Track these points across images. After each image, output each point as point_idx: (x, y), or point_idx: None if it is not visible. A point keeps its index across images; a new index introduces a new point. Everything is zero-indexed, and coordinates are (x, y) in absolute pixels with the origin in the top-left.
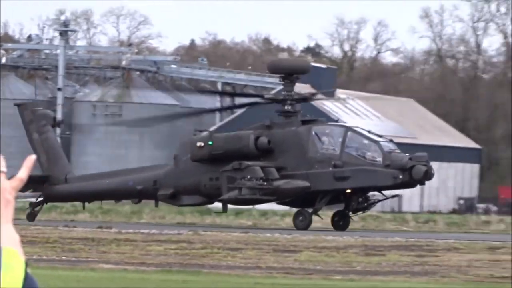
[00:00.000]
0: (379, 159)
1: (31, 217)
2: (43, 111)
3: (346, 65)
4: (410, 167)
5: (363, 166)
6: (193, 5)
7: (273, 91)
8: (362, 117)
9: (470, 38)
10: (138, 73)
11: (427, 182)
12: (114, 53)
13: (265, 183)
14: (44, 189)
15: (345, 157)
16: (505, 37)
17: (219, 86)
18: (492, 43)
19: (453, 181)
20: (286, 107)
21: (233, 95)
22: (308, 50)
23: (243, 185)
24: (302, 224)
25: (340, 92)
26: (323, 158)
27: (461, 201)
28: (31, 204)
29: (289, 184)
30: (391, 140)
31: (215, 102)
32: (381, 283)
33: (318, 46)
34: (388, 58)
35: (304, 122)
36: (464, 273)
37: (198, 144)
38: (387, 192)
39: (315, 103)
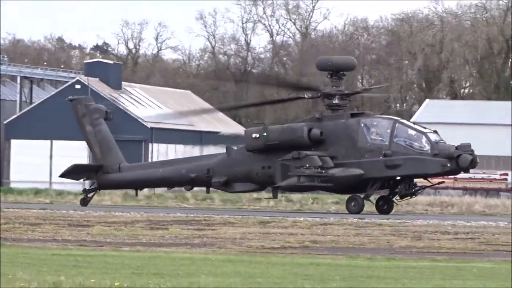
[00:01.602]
0: (428, 148)
1: (84, 202)
2: (96, 105)
3: (131, 61)
4: (457, 156)
5: (412, 155)
6: None
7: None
8: (146, 107)
9: (240, 37)
10: None
11: None
12: None
13: (323, 171)
14: (98, 177)
15: (394, 147)
16: (271, 36)
17: (18, 80)
18: (260, 41)
19: None
20: (334, 101)
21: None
22: (97, 47)
23: (302, 173)
24: (355, 208)
25: (125, 85)
26: (373, 148)
27: None
28: (84, 190)
29: (345, 172)
30: (435, 131)
31: (15, 93)
32: (164, 253)
33: (105, 44)
34: (168, 55)
35: (353, 115)
36: (238, 244)
37: (254, 135)
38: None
39: (104, 94)
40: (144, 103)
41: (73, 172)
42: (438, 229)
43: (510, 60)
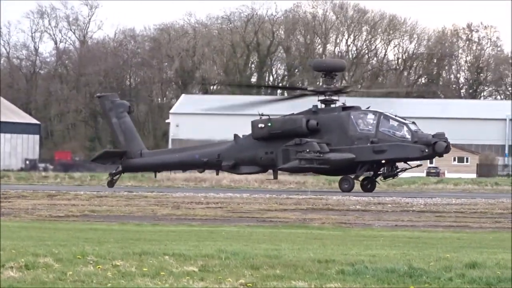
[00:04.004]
0: (409, 136)
1: (111, 184)
2: (120, 101)
3: None
4: (434, 143)
5: (395, 142)
6: None
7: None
8: None
9: (30, 44)
10: None
11: None
12: None
13: (321, 155)
14: (122, 162)
15: (380, 135)
16: (55, 43)
17: None
18: (46, 48)
19: (21, 147)
20: (327, 97)
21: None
22: None
23: (302, 156)
24: (347, 187)
25: None
26: (361, 136)
27: (27, 162)
28: (110, 174)
29: (339, 156)
30: (413, 122)
31: None
32: None
33: None
34: None
35: (344, 109)
36: (30, 213)
37: (259, 125)
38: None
39: None
40: None
41: (103, 157)
42: (193, 200)
43: (250, 61)
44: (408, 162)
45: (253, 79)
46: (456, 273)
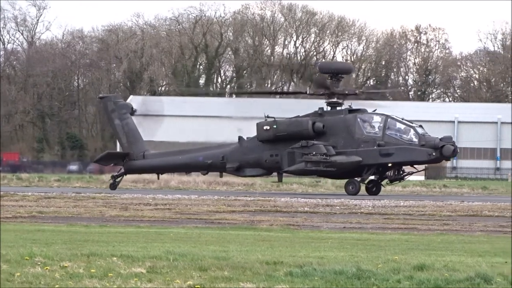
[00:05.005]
0: (416, 140)
1: (113, 186)
2: (123, 102)
3: None
4: (441, 146)
5: (402, 145)
6: None
7: None
8: None
9: None
10: None
11: None
12: None
13: (327, 158)
14: (125, 164)
15: (386, 138)
16: (3, 44)
17: None
18: None
19: None
20: (333, 100)
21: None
22: None
23: (309, 159)
24: (353, 190)
25: None
26: (368, 139)
27: None
28: (112, 176)
29: (346, 159)
30: (420, 126)
31: None
32: None
33: None
34: None
35: (350, 111)
36: None
37: (265, 127)
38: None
39: None
40: None
41: (105, 159)
42: (141, 201)
43: (198, 63)
44: (415, 166)
45: (201, 81)
46: (404, 275)
